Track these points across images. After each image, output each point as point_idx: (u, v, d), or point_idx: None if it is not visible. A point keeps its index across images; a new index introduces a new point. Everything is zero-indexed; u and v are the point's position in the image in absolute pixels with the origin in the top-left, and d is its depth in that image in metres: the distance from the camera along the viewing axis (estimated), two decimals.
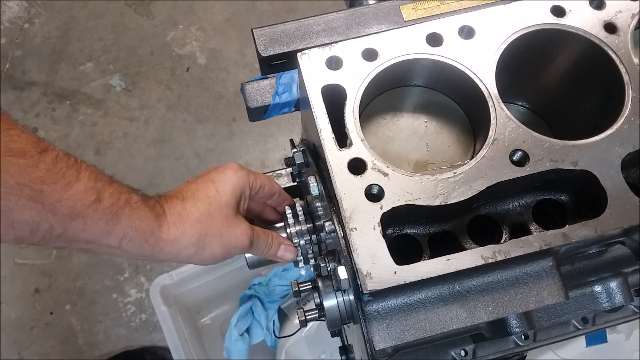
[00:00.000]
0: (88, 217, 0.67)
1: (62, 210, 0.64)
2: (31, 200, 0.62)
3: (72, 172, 0.66)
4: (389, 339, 0.70)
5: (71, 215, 0.65)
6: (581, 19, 0.80)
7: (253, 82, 0.94)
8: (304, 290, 0.86)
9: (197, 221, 0.78)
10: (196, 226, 0.77)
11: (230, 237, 0.81)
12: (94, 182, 0.68)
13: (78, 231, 0.67)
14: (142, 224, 0.72)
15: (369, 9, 0.91)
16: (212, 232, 0.79)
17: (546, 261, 0.72)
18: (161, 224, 0.75)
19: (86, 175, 0.67)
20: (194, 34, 2.64)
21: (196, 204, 0.79)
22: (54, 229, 0.65)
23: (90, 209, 0.67)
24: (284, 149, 2.38)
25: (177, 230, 0.76)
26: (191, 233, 0.77)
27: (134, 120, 2.47)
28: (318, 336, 1.65)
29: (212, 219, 0.79)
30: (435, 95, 0.90)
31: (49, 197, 0.63)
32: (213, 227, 0.79)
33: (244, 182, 0.84)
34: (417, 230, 0.78)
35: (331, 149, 0.73)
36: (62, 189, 0.64)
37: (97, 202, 0.67)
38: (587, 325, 0.93)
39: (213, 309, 1.99)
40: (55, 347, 2.10)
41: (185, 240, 0.76)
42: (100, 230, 0.69)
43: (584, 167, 0.72)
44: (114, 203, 0.69)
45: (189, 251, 0.77)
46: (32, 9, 2.71)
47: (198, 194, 0.80)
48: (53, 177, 0.64)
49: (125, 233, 0.71)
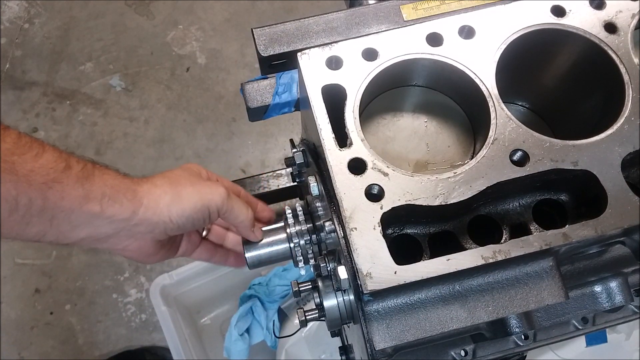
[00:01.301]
0: (63, 182, 0.68)
1: (37, 179, 0.65)
2: (5, 173, 0.63)
3: (37, 144, 0.68)
4: (389, 339, 0.70)
5: (46, 182, 0.66)
6: (581, 19, 0.80)
7: (253, 82, 0.94)
8: (304, 290, 0.86)
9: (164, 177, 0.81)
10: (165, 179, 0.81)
11: (205, 186, 0.83)
12: (59, 152, 0.70)
13: (57, 200, 0.68)
14: (115, 181, 0.74)
15: (369, 9, 0.91)
16: (185, 183, 0.81)
17: (546, 261, 0.72)
18: (133, 180, 0.77)
19: (51, 148, 0.69)
20: (194, 34, 2.64)
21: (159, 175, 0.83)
22: (33, 202, 0.65)
23: (64, 174, 0.68)
24: (284, 149, 2.38)
25: (149, 183, 0.78)
26: (162, 182, 0.79)
27: (134, 120, 2.47)
28: (318, 336, 1.65)
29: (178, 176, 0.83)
30: (435, 95, 0.90)
31: (22, 167, 0.64)
32: (184, 180, 0.82)
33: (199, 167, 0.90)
34: (417, 230, 0.78)
35: (331, 148, 0.73)
36: (33, 159, 0.66)
37: (67, 168, 0.69)
38: (587, 325, 0.93)
39: (213, 309, 1.99)
40: (55, 347, 2.10)
41: (159, 189, 0.78)
42: (77, 194, 0.69)
43: (584, 167, 0.72)
44: (83, 167, 0.72)
45: (166, 200, 0.78)
46: (32, 9, 2.71)
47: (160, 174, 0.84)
48: (21, 149, 0.65)
49: (103, 192, 0.72)
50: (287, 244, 0.91)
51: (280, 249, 0.91)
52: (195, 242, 0.95)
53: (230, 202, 0.84)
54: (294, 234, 0.90)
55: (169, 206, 0.78)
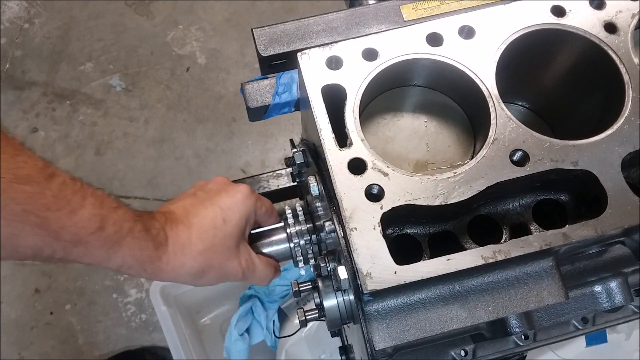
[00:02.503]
0: (90, 244, 0.67)
1: (65, 237, 0.65)
2: (36, 227, 0.62)
3: (78, 198, 0.66)
4: (389, 339, 0.70)
5: (73, 242, 0.66)
6: (581, 18, 0.80)
7: (253, 82, 0.94)
8: (304, 290, 0.86)
9: (199, 254, 0.79)
10: (197, 259, 0.78)
11: (228, 269, 0.83)
12: (98, 208, 0.68)
13: (79, 256, 0.68)
14: (142, 253, 0.73)
15: (369, 9, 0.91)
16: (213, 264, 0.80)
17: (546, 261, 0.72)
18: (161, 255, 0.75)
19: (91, 202, 0.67)
20: (194, 34, 2.64)
21: (201, 235, 0.79)
22: (56, 253, 0.66)
23: (93, 236, 0.67)
24: (284, 149, 2.38)
25: (176, 261, 0.77)
26: (191, 265, 0.78)
27: (134, 120, 2.47)
28: (318, 336, 1.65)
29: (214, 252, 0.80)
30: (435, 95, 0.90)
31: (54, 224, 0.63)
32: (215, 260, 0.80)
33: (251, 210, 0.85)
34: (417, 230, 0.78)
35: (331, 148, 0.73)
36: (67, 215, 0.64)
37: (100, 230, 0.67)
38: (587, 325, 0.93)
39: (213, 309, 1.99)
40: (55, 347, 2.10)
41: (184, 270, 0.78)
42: (100, 256, 0.70)
43: (584, 167, 0.72)
44: (117, 231, 0.69)
45: (186, 279, 0.80)
46: (32, 9, 2.71)
47: (205, 221, 0.80)
48: (58, 204, 0.63)
49: (124, 261, 0.72)
50: (287, 244, 0.91)
51: (280, 249, 0.91)
52: None
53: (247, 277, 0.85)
54: (294, 234, 0.90)
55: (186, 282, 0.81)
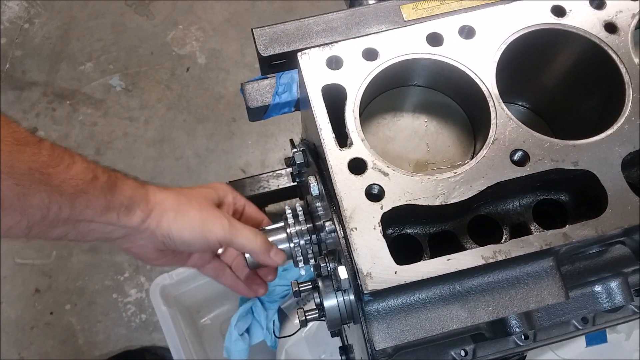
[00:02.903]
0: (89, 192, 0.73)
1: (68, 190, 0.70)
2: (41, 184, 0.67)
3: (68, 155, 0.72)
4: (389, 339, 0.70)
5: (76, 192, 0.71)
6: (581, 18, 0.80)
7: (253, 82, 0.94)
8: (304, 290, 0.86)
9: (179, 193, 0.86)
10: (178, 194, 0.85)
11: (210, 213, 0.85)
12: (87, 163, 0.75)
13: (82, 208, 0.73)
14: (133, 192, 0.79)
15: (369, 9, 0.91)
16: (192, 204, 0.85)
17: (546, 261, 0.72)
18: (148, 190, 0.83)
19: (79, 159, 0.74)
20: (194, 34, 2.64)
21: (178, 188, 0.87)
22: (62, 210, 0.71)
23: (91, 185, 0.73)
24: (284, 149, 2.38)
25: (161, 194, 0.83)
26: (174, 197, 0.84)
27: (134, 120, 2.46)
28: (318, 336, 1.65)
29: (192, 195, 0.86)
30: (435, 95, 0.90)
31: (55, 178, 0.69)
32: (193, 201, 0.85)
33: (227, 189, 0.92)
34: (418, 230, 0.78)
35: (331, 148, 0.73)
36: (65, 170, 0.70)
37: (95, 179, 0.74)
38: (587, 325, 0.93)
39: (213, 309, 1.99)
40: (55, 347, 2.10)
41: (168, 203, 0.82)
42: (100, 204, 0.75)
43: (584, 167, 0.72)
44: (108, 178, 0.76)
45: (170, 215, 0.82)
46: (32, 9, 2.71)
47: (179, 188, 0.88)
48: (55, 161, 0.70)
49: (121, 202, 0.77)
50: (287, 244, 0.91)
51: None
52: (206, 258, 0.97)
53: (234, 233, 0.85)
54: (294, 234, 0.90)
55: (169, 223, 0.82)
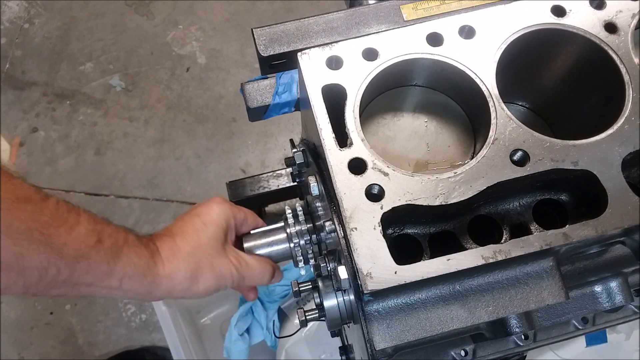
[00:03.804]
0: (92, 258, 0.70)
1: (69, 253, 0.67)
2: (41, 244, 0.64)
3: (73, 216, 0.69)
4: (390, 339, 0.70)
5: (76, 257, 0.68)
6: (581, 18, 0.80)
7: (253, 82, 0.94)
8: (304, 290, 0.86)
9: (189, 255, 0.81)
10: (188, 260, 0.81)
11: (222, 267, 0.84)
12: (93, 224, 0.71)
13: (82, 273, 0.70)
14: (140, 261, 0.76)
15: (369, 9, 0.91)
16: (204, 264, 0.82)
17: (546, 261, 0.72)
18: (157, 261, 0.78)
19: (85, 219, 0.70)
20: (194, 34, 2.64)
21: (185, 238, 0.82)
22: (61, 272, 0.67)
23: (94, 250, 0.70)
24: (284, 149, 2.38)
25: (171, 266, 0.79)
26: (185, 267, 0.80)
27: (134, 120, 2.46)
28: (318, 336, 1.65)
29: (202, 252, 0.82)
30: (435, 95, 0.90)
31: (56, 240, 0.66)
32: (204, 259, 0.82)
33: (228, 213, 0.88)
34: (418, 230, 0.78)
35: (331, 148, 0.73)
36: (67, 232, 0.67)
37: (98, 243, 0.70)
38: (587, 325, 0.93)
39: (213, 309, 1.99)
40: (55, 347, 2.10)
41: (180, 274, 0.79)
42: (102, 270, 0.71)
43: (584, 167, 0.72)
44: (114, 243, 0.73)
45: (184, 285, 0.80)
46: (32, 9, 2.71)
47: (186, 228, 0.84)
48: (57, 221, 0.66)
49: (125, 272, 0.74)
50: (287, 244, 0.91)
51: (280, 249, 0.91)
52: None
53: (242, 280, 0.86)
54: (294, 234, 0.90)
55: (184, 291, 0.81)
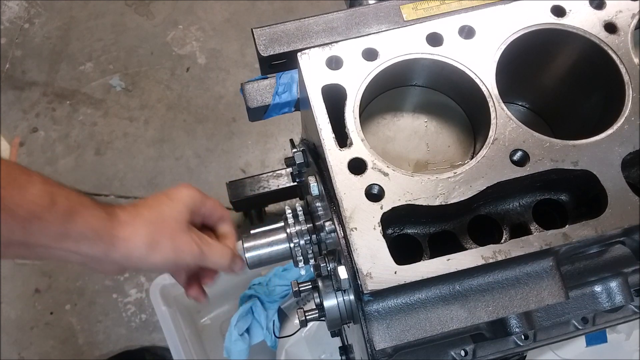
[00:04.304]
0: (45, 219, 0.68)
1: (21, 214, 0.66)
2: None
3: (25, 177, 0.68)
4: (389, 339, 0.70)
5: (29, 218, 0.67)
6: (581, 18, 0.80)
7: (253, 82, 0.94)
8: (304, 290, 0.86)
9: (150, 222, 0.80)
10: (148, 227, 0.79)
11: (182, 241, 0.82)
12: (47, 185, 0.69)
13: (36, 235, 0.69)
14: (96, 222, 0.74)
15: (369, 9, 0.91)
16: (164, 234, 0.80)
17: (546, 261, 0.72)
18: (114, 223, 0.76)
19: (38, 180, 0.69)
20: (194, 34, 2.64)
21: (148, 208, 0.81)
22: (14, 234, 0.66)
23: (47, 211, 0.68)
24: (284, 149, 2.38)
25: (129, 228, 0.77)
26: (144, 232, 0.78)
27: (134, 120, 2.46)
28: (318, 336, 1.65)
29: (164, 223, 0.81)
30: (435, 95, 0.90)
31: (8, 201, 0.65)
32: (165, 230, 0.80)
33: (196, 197, 0.88)
34: (417, 230, 0.78)
35: (331, 148, 0.73)
36: (19, 193, 0.66)
37: (52, 204, 0.68)
38: (587, 325, 0.93)
39: (213, 309, 1.99)
40: (55, 347, 2.10)
41: (138, 239, 0.78)
42: (57, 231, 0.70)
43: (584, 167, 0.72)
44: (69, 205, 0.71)
45: (141, 251, 0.78)
46: (32, 9, 2.71)
47: (150, 201, 0.83)
48: (9, 183, 0.65)
49: (80, 233, 0.72)
50: (287, 244, 0.91)
51: (280, 249, 0.91)
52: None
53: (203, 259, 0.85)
54: (294, 234, 0.90)
55: (140, 258, 0.79)
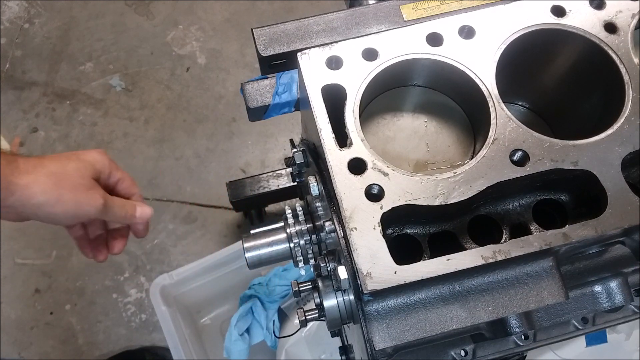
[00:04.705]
0: None
1: None
2: None
3: None
4: (389, 339, 0.70)
5: None
6: (581, 18, 0.80)
7: (253, 82, 0.94)
8: (304, 290, 0.86)
9: (52, 173, 0.80)
10: (50, 177, 0.80)
11: (84, 194, 0.83)
12: None
13: None
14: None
15: (369, 9, 0.91)
16: (66, 186, 0.81)
17: (546, 261, 0.72)
18: (13, 169, 0.77)
19: None
20: (194, 34, 2.64)
21: (54, 161, 0.82)
22: None
23: None
24: (284, 149, 2.38)
25: (29, 177, 0.78)
26: (44, 182, 0.79)
27: (134, 120, 2.46)
28: (318, 336, 1.65)
29: (67, 176, 0.82)
30: (435, 95, 0.90)
31: None
32: (67, 182, 0.81)
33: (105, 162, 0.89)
34: (417, 230, 0.78)
35: (331, 148, 0.73)
36: None
37: None
38: (587, 325, 0.93)
39: (213, 309, 1.99)
40: (55, 347, 2.10)
41: (37, 187, 0.78)
42: None
43: (584, 167, 0.72)
44: None
45: (39, 199, 0.79)
46: (32, 9, 2.71)
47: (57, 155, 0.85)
48: None
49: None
50: (287, 244, 0.91)
51: (280, 249, 0.91)
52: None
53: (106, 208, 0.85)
54: (294, 234, 0.90)
55: (38, 206, 0.79)
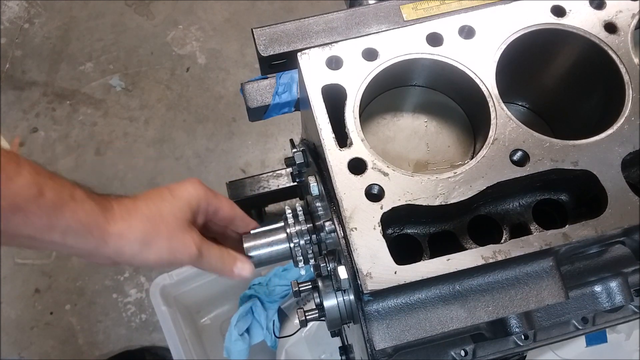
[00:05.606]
0: (29, 211, 0.66)
1: (3, 205, 0.63)
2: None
3: (12, 165, 0.64)
4: (389, 338, 0.70)
5: (12, 209, 0.64)
6: (581, 18, 0.80)
7: (253, 82, 0.94)
8: (304, 290, 0.86)
9: (146, 218, 0.76)
10: (144, 223, 0.76)
11: (179, 242, 0.79)
12: (35, 176, 0.66)
13: (19, 226, 0.66)
14: (87, 217, 0.71)
15: (369, 9, 0.91)
16: (161, 232, 0.77)
17: (546, 261, 0.72)
18: (107, 217, 0.73)
19: (28, 170, 0.66)
20: (194, 34, 2.64)
21: (148, 203, 0.78)
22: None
23: (32, 203, 0.66)
24: (284, 149, 2.38)
25: (123, 224, 0.74)
26: (139, 228, 0.75)
27: (134, 120, 2.46)
28: (318, 336, 1.65)
29: (162, 219, 0.78)
30: (435, 95, 0.90)
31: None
32: (162, 227, 0.77)
33: (201, 195, 0.84)
34: (417, 230, 0.78)
35: (331, 148, 0.73)
36: (4, 183, 0.63)
37: (39, 196, 0.66)
38: (587, 325, 0.93)
39: (213, 309, 1.99)
40: (55, 347, 2.10)
41: (132, 235, 0.74)
42: (42, 224, 0.67)
43: (584, 167, 0.72)
44: (57, 197, 0.68)
45: (134, 248, 0.75)
46: (32, 9, 2.71)
47: (151, 195, 0.80)
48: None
49: (68, 226, 0.69)
50: (287, 244, 0.91)
51: (280, 249, 0.91)
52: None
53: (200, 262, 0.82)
54: (294, 234, 0.90)
55: (133, 255, 0.76)
